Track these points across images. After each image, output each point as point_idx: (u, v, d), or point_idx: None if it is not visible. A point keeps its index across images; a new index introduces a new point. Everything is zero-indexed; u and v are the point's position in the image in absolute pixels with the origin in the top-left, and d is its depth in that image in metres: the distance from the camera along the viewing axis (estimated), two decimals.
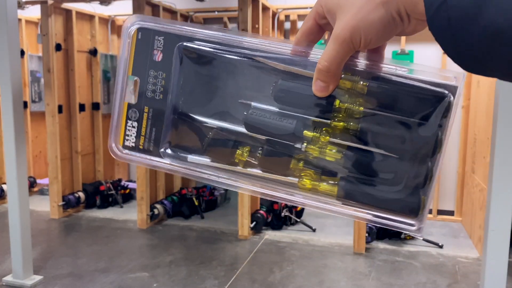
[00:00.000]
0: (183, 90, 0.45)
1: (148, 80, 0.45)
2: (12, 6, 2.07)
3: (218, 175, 0.44)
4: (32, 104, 4.03)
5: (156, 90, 0.45)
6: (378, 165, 0.40)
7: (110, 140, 0.46)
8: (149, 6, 3.21)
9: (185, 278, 2.38)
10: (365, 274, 2.44)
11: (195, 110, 0.45)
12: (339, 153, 0.41)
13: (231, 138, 0.43)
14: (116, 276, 2.39)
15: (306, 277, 2.41)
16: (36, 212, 3.47)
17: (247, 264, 2.54)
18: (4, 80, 2.07)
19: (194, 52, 0.44)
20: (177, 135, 0.45)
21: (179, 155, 0.45)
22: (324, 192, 0.41)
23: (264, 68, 0.42)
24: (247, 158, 0.43)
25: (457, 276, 2.44)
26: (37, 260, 2.55)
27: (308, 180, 0.41)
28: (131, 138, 0.46)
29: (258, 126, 0.42)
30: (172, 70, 0.45)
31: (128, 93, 0.45)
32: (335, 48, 0.37)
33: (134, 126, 0.46)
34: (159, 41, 0.44)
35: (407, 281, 2.37)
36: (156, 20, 0.44)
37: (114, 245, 2.85)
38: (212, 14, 3.88)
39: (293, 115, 0.41)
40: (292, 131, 0.41)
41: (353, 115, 0.40)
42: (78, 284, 2.30)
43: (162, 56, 0.44)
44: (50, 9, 3.25)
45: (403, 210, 0.40)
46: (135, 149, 0.46)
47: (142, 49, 0.45)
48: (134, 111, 0.46)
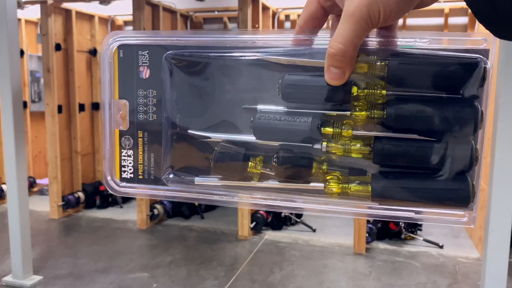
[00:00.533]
0: (178, 106, 0.40)
1: (138, 101, 0.41)
2: (11, 6, 2.07)
3: (232, 194, 0.39)
4: (32, 104, 4.03)
5: (148, 111, 0.41)
6: (414, 153, 0.35)
7: (105, 174, 0.42)
8: (149, 6, 3.21)
9: (185, 278, 2.38)
10: (365, 275, 2.44)
11: (195, 125, 0.40)
12: (366, 146, 0.36)
13: (240, 150, 0.39)
14: (116, 276, 2.39)
15: (306, 277, 2.40)
16: (36, 212, 3.47)
17: (247, 264, 2.54)
18: (4, 80, 2.06)
19: (184, 60, 0.40)
20: (179, 156, 0.41)
21: (184, 179, 0.40)
22: (357, 194, 0.36)
23: (265, 66, 0.38)
24: (261, 170, 0.38)
25: (458, 277, 2.44)
26: (37, 260, 2.54)
27: (336, 183, 0.36)
28: (128, 169, 0.42)
29: (269, 132, 0.37)
30: (162, 85, 0.40)
31: (117, 120, 0.41)
32: (351, 27, 0.32)
33: (129, 155, 0.41)
34: (144, 56, 0.40)
35: (407, 281, 2.36)
36: (137, 34, 0.41)
37: (114, 245, 2.85)
38: (212, 14, 3.88)
39: (306, 113, 0.37)
40: (309, 131, 0.36)
41: (376, 101, 0.35)
42: (78, 284, 2.30)
43: (150, 72, 0.40)
44: (50, 9, 3.24)
45: (452, 200, 0.34)
46: (134, 180, 0.42)
47: (126, 68, 0.40)
48: (127, 138, 0.41)
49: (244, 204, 0.39)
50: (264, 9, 3.23)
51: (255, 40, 0.39)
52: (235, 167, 0.39)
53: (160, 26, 3.28)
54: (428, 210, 0.35)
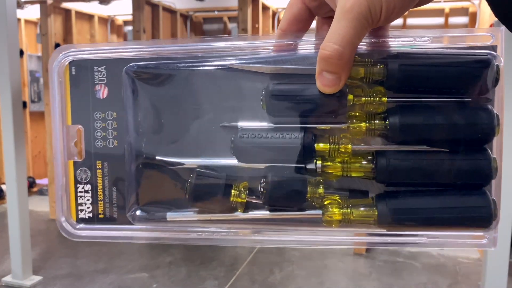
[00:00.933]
0: (143, 128, 0.35)
1: (95, 125, 0.35)
2: (11, 6, 2.06)
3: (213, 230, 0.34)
4: (32, 104, 4.02)
5: (108, 137, 0.35)
6: (425, 167, 0.30)
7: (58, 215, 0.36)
8: (148, 5, 3.21)
9: (185, 278, 2.37)
10: (365, 275, 2.44)
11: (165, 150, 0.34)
12: (368, 163, 0.31)
13: (220, 176, 0.33)
14: (116, 277, 2.39)
15: (306, 277, 2.40)
16: (36, 213, 3.46)
17: (247, 265, 2.54)
18: (3, 80, 2.06)
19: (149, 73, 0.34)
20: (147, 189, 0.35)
21: (154, 215, 0.35)
22: (360, 220, 0.31)
23: (244, 76, 0.33)
24: (247, 198, 0.33)
25: (458, 277, 2.44)
26: (37, 260, 2.54)
27: (336, 208, 0.31)
28: (86, 208, 0.36)
29: (253, 152, 0.32)
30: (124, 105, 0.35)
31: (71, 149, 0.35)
32: (349, 24, 0.28)
33: (87, 190, 0.35)
34: (100, 72, 0.35)
35: (407, 281, 2.36)
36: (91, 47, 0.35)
37: (114, 246, 2.84)
38: (212, 13, 3.88)
39: (296, 127, 0.31)
40: (301, 148, 0.31)
41: (375, 110, 0.31)
42: (77, 285, 2.30)
43: (108, 90, 0.35)
44: (50, 9, 3.24)
45: (471, 220, 0.30)
46: (94, 220, 0.36)
47: (79, 88, 0.35)
48: (84, 170, 0.36)
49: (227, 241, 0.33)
50: (264, 9, 3.23)
51: (232, 48, 0.33)
52: (214, 197, 0.33)
53: (160, 26, 3.27)
54: (444, 233, 0.31)
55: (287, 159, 0.32)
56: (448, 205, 0.30)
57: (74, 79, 0.35)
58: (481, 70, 0.29)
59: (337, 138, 0.32)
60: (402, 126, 0.30)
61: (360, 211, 0.31)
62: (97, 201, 0.36)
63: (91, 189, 0.36)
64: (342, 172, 0.32)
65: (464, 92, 0.30)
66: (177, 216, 0.34)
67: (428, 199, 0.30)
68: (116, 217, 0.36)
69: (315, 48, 0.32)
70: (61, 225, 0.36)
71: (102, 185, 0.36)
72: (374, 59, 0.31)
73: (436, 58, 0.30)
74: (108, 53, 0.35)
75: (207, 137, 0.34)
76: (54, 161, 0.36)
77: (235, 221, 0.33)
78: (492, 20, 2.57)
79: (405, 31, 0.31)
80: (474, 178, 0.30)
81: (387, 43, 0.31)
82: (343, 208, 0.32)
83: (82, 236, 0.36)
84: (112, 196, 0.36)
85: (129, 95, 0.35)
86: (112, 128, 0.35)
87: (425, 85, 0.30)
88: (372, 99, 0.31)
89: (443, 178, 0.30)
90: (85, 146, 0.35)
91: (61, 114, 0.35)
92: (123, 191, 0.35)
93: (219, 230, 0.34)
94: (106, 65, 0.35)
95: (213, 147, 0.34)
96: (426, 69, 0.30)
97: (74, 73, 0.35)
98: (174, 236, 0.34)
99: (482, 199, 0.30)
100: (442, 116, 0.30)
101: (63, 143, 0.35)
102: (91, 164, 0.36)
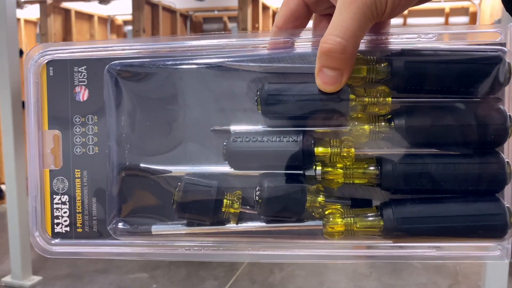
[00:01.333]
0: (126, 132, 0.32)
1: (74, 130, 0.32)
2: (11, 6, 2.06)
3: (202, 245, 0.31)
4: None
5: (88, 143, 0.32)
6: (434, 172, 0.28)
7: (32, 230, 0.33)
8: (148, 5, 3.20)
9: (184, 278, 2.37)
10: (365, 275, 2.43)
11: (150, 156, 0.32)
12: (372, 169, 0.29)
13: (211, 184, 0.30)
14: (116, 277, 2.38)
15: (307, 277, 2.40)
16: None
17: (247, 265, 2.54)
18: (3, 80, 2.06)
19: (133, 72, 0.32)
20: (131, 200, 0.32)
21: (138, 228, 0.32)
22: (365, 231, 0.29)
23: (236, 76, 0.31)
24: (240, 209, 0.30)
25: (458, 277, 2.44)
26: (36, 260, 2.53)
27: (339, 219, 0.29)
28: (62, 221, 0.33)
29: (248, 157, 0.29)
30: (105, 108, 0.32)
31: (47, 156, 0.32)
32: (352, 16, 0.26)
33: (64, 201, 0.32)
34: (81, 73, 0.32)
35: (408, 282, 2.36)
36: (71, 46, 0.33)
37: None
38: (212, 13, 3.87)
39: (294, 130, 0.29)
40: (299, 152, 0.29)
41: (379, 111, 0.29)
42: (77, 285, 2.29)
43: (88, 92, 0.32)
44: (49, 8, 3.24)
45: (484, 229, 0.27)
46: (71, 235, 0.33)
47: (57, 90, 0.32)
48: (61, 179, 0.33)
49: (218, 256, 0.31)
50: (264, 8, 3.23)
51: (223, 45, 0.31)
52: (205, 208, 0.30)
53: (159, 26, 3.27)
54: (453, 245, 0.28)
55: (285, 164, 0.29)
56: (460, 213, 0.27)
57: (52, 80, 0.32)
58: (491, 66, 0.27)
59: (339, 142, 0.29)
60: (408, 128, 0.28)
61: (364, 221, 0.29)
62: (75, 214, 0.33)
63: (69, 200, 0.33)
64: (344, 178, 0.29)
65: (474, 91, 0.28)
66: (163, 229, 0.31)
67: (437, 207, 0.28)
68: (96, 232, 0.33)
69: (313, 46, 0.30)
70: (35, 242, 0.33)
71: (81, 196, 0.32)
72: (377, 57, 0.29)
73: (443, 55, 0.28)
74: (89, 52, 0.32)
75: (197, 142, 0.31)
76: (28, 170, 0.32)
77: (227, 234, 0.31)
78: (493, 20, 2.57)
79: (409, 28, 0.30)
80: (486, 183, 0.28)
81: (389, 40, 0.29)
82: (345, 218, 0.29)
83: (57, 253, 0.33)
84: (92, 208, 0.33)
85: (112, 96, 0.32)
86: (93, 133, 0.32)
87: (432, 84, 0.28)
88: (376, 100, 0.29)
89: (453, 184, 0.28)
90: (63, 153, 0.33)
91: (37, 118, 0.32)
92: (104, 203, 0.32)
93: (209, 245, 0.31)
94: (86, 65, 0.32)
95: (203, 153, 0.31)
96: (433, 66, 0.28)
97: (52, 74, 0.32)
98: (159, 252, 0.31)
99: (496, 206, 0.28)
100: (451, 117, 0.28)
101: (38, 150, 0.32)
102: (69, 173, 0.33)
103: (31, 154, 0.32)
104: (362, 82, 0.29)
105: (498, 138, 0.28)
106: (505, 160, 0.28)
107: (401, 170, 0.28)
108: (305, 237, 0.30)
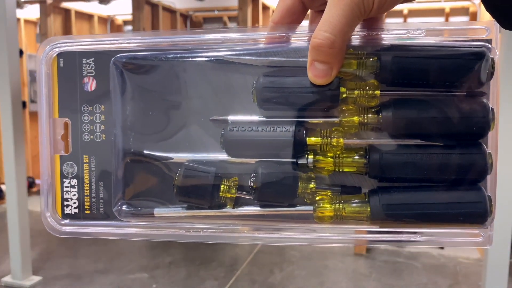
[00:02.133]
0: (131, 121, 0.34)
1: (83, 118, 0.34)
2: (11, 6, 2.06)
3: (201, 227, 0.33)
4: (31, 104, 4.02)
5: (95, 130, 0.34)
6: (418, 162, 0.29)
7: (43, 210, 0.36)
8: (148, 5, 3.20)
9: (184, 279, 2.37)
10: (366, 275, 2.43)
11: (153, 144, 0.34)
12: (360, 158, 0.31)
13: (209, 171, 0.32)
14: (116, 277, 2.38)
15: (307, 278, 2.40)
16: (35, 213, 3.46)
17: (247, 265, 2.53)
18: (3, 80, 2.06)
19: (137, 64, 0.34)
20: (134, 183, 0.34)
21: (141, 210, 0.34)
22: (353, 216, 0.30)
23: (234, 69, 0.32)
24: (237, 194, 0.32)
25: (458, 277, 2.43)
26: (36, 260, 2.53)
27: (328, 204, 0.31)
28: (72, 203, 0.35)
29: (244, 146, 0.31)
30: (111, 97, 0.34)
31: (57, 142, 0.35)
32: (340, 12, 0.27)
33: (73, 185, 0.35)
34: (89, 64, 0.34)
35: (408, 282, 2.36)
36: (80, 39, 0.34)
37: (113, 246, 2.84)
38: (212, 13, 3.87)
39: (287, 121, 0.31)
40: (292, 141, 0.31)
41: (368, 103, 0.31)
42: (77, 285, 2.29)
43: (96, 83, 0.34)
44: (49, 8, 3.24)
45: (465, 216, 0.29)
46: (80, 216, 0.35)
47: (67, 80, 0.34)
48: (70, 164, 0.35)
49: (216, 238, 0.33)
50: (264, 8, 3.23)
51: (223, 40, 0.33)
52: (203, 192, 0.32)
53: (159, 26, 3.27)
54: (439, 231, 0.30)
55: (278, 153, 0.31)
56: (442, 201, 0.29)
57: (62, 71, 0.34)
58: (475, 62, 0.29)
59: (329, 132, 0.31)
60: (395, 120, 0.29)
61: (352, 207, 0.31)
62: (83, 197, 0.35)
63: (78, 184, 0.35)
64: (334, 167, 0.31)
65: (458, 86, 0.30)
66: (164, 212, 0.34)
67: (421, 195, 0.30)
68: (102, 213, 0.35)
69: (308, 41, 0.31)
70: (47, 223, 0.36)
71: (88, 180, 0.35)
72: (367, 52, 0.30)
73: (430, 50, 0.30)
74: (96, 45, 0.34)
75: (197, 131, 0.33)
76: (40, 155, 0.35)
77: (224, 217, 0.33)
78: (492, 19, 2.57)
79: (399, 24, 0.31)
80: (469, 173, 0.30)
81: (380, 36, 0.31)
82: (334, 203, 0.31)
83: (67, 233, 0.35)
84: (99, 191, 0.35)
85: (117, 87, 0.34)
86: (100, 121, 0.34)
87: (418, 78, 0.30)
88: (365, 92, 0.30)
89: (437, 173, 0.30)
90: (72, 140, 0.35)
91: (48, 107, 0.35)
92: (110, 186, 0.35)
93: (207, 227, 0.33)
94: (94, 57, 0.34)
95: (202, 141, 0.33)
96: (419, 61, 0.29)
97: (62, 65, 0.34)
98: (161, 233, 0.34)
99: (477, 194, 0.30)
100: (436, 109, 0.29)
101: (49, 136, 0.35)
102: (78, 158, 0.35)
103: (43, 140, 0.35)
104: (352, 75, 0.31)
105: (481, 131, 0.30)
106: (487, 151, 0.30)
107: (387, 160, 0.30)
108: (298, 221, 0.32)
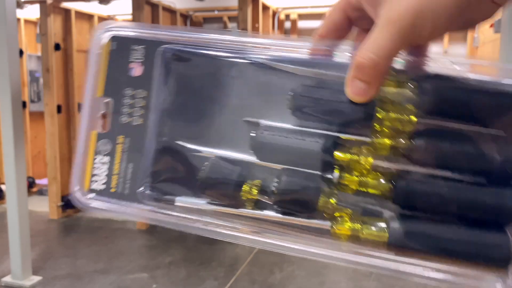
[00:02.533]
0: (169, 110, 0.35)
1: (124, 101, 0.35)
2: (11, 6, 2.06)
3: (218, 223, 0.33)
4: (31, 104, 4.02)
5: (134, 114, 0.35)
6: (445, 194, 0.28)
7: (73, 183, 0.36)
8: (148, 5, 3.20)
9: (184, 279, 2.37)
10: (366, 275, 2.43)
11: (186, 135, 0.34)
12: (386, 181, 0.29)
13: (234, 170, 0.32)
14: (116, 277, 2.38)
15: (307, 278, 2.40)
16: (35, 213, 3.46)
17: (247, 265, 2.54)
18: (3, 80, 2.05)
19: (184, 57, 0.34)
20: (161, 170, 0.35)
21: (162, 197, 0.34)
22: (370, 239, 0.29)
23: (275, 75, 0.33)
24: (258, 196, 0.32)
25: None
26: (36, 260, 2.54)
27: (347, 223, 0.30)
28: (100, 179, 0.35)
29: (271, 150, 0.31)
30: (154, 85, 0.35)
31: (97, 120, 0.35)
32: (390, 36, 0.27)
33: (104, 162, 0.35)
34: (138, 51, 0.35)
35: (408, 282, 2.36)
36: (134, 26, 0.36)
37: (114, 246, 2.84)
38: (212, 13, 3.88)
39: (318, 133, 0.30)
40: (320, 152, 0.30)
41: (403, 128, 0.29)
42: (77, 285, 2.29)
43: (143, 69, 0.35)
44: (49, 8, 3.24)
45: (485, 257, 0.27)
46: (105, 193, 0.35)
47: (116, 63, 0.35)
48: (105, 142, 0.35)
49: (230, 236, 0.33)
50: (264, 8, 3.23)
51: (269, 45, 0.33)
52: (225, 189, 0.32)
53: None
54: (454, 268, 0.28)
55: (304, 162, 0.30)
56: (464, 237, 0.28)
57: (113, 54, 0.36)
58: None
59: (359, 150, 0.30)
60: (427, 148, 0.28)
61: (371, 230, 0.29)
62: (111, 175, 0.35)
63: (109, 161, 0.36)
64: (358, 186, 0.30)
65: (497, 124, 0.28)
66: (185, 202, 0.34)
67: (443, 228, 0.28)
68: (126, 194, 0.35)
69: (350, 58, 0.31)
70: (74, 194, 0.36)
71: (119, 160, 0.35)
72: (409, 77, 0.30)
73: (472, 84, 0.29)
74: (149, 33, 0.35)
75: (229, 130, 0.34)
76: (78, 130, 0.36)
77: (241, 217, 0.32)
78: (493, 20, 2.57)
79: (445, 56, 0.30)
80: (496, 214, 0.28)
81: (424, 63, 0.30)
82: (353, 223, 0.30)
83: (89, 206, 0.36)
84: (128, 173, 0.35)
85: (161, 76, 0.35)
86: (139, 106, 0.35)
87: (458, 110, 0.29)
88: (401, 117, 0.29)
89: (463, 209, 0.28)
90: (111, 120, 0.35)
91: (94, 85, 0.36)
92: (138, 169, 0.35)
93: (223, 224, 0.33)
94: (145, 45, 0.35)
95: (233, 140, 0.33)
96: (461, 94, 0.28)
97: (114, 48, 0.35)
98: (179, 222, 0.34)
99: (501, 238, 0.28)
100: (472, 145, 0.28)
101: (89, 113, 0.35)
102: (113, 138, 0.35)
103: (83, 117, 0.35)
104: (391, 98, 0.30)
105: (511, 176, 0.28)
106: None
107: (414, 187, 0.29)
108: (312, 234, 0.31)
